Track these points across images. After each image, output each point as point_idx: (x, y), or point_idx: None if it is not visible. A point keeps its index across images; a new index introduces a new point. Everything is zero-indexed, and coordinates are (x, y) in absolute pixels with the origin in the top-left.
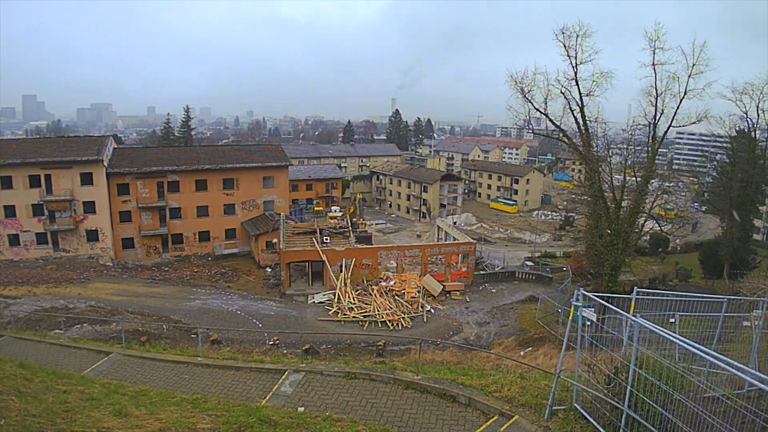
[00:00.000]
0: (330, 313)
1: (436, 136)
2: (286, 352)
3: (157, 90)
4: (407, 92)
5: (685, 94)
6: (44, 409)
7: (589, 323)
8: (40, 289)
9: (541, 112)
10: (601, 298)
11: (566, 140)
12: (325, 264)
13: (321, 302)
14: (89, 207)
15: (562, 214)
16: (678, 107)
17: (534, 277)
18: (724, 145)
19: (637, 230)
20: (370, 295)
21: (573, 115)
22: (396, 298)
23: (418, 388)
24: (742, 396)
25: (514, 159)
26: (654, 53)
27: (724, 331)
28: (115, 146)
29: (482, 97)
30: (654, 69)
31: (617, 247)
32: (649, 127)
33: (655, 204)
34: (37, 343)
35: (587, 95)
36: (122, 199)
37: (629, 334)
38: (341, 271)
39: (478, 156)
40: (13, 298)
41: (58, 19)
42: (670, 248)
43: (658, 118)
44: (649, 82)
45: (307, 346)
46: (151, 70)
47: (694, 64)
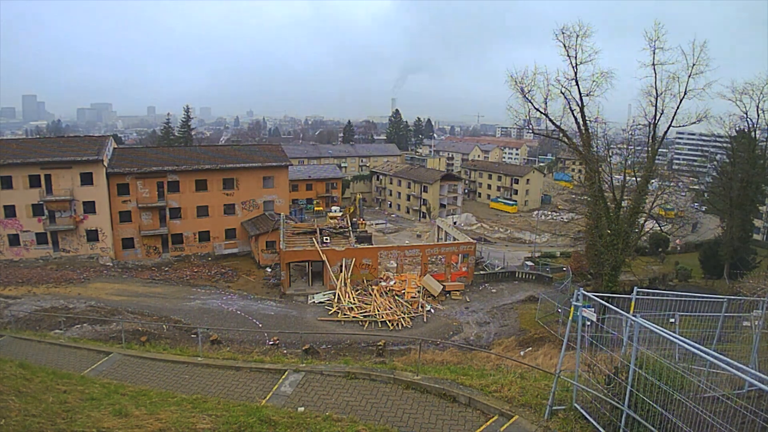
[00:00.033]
0: (330, 313)
1: (436, 136)
2: (286, 352)
3: (157, 90)
4: (407, 92)
5: (685, 94)
6: (44, 409)
7: (589, 323)
8: (40, 289)
9: (541, 112)
10: (601, 298)
11: (566, 140)
12: (325, 264)
13: (321, 302)
14: (89, 207)
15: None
16: (678, 107)
17: (534, 277)
18: (724, 145)
19: (637, 230)
20: (370, 295)
21: (573, 115)
22: (396, 298)
23: (418, 388)
24: (742, 396)
25: (514, 159)
26: (654, 53)
27: (724, 331)
28: (115, 146)
29: (482, 97)
30: (654, 69)
31: (617, 247)
32: (649, 127)
33: (655, 204)
34: (37, 343)
35: (587, 95)
36: (122, 199)
37: (629, 334)
38: (341, 271)
39: (478, 156)
40: (13, 298)
41: (58, 19)
42: (670, 248)
43: (658, 118)
44: (649, 82)
45: (307, 346)
46: (151, 70)
47: (694, 64)
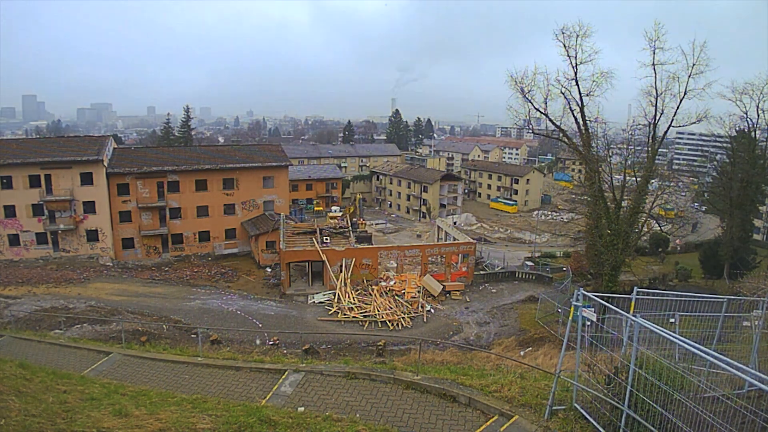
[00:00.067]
0: (330, 313)
1: (436, 136)
2: (286, 352)
3: (157, 90)
4: (407, 92)
5: (685, 94)
6: (44, 409)
7: (589, 323)
8: (40, 289)
9: (541, 112)
10: (601, 298)
11: (566, 140)
12: (325, 264)
13: (321, 302)
14: (89, 207)
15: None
16: (678, 107)
17: (534, 277)
18: (724, 145)
19: (637, 230)
20: (370, 295)
21: (573, 115)
22: (396, 298)
23: (418, 388)
24: (742, 396)
25: (514, 159)
26: (654, 53)
27: (724, 331)
28: (115, 146)
29: (482, 97)
30: (654, 69)
31: (617, 247)
32: (649, 127)
33: (655, 204)
34: (37, 343)
35: (587, 95)
36: (122, 199)
37: (629, 334)
38: (341, 271)
39: (478, 156)
40: (13, 298)
41: (58, 19)
42: (670, 248)
43: (658, 118)
44: (649, 82)
45: (307, 346)
46: (151, 70)
47: (694, 64)
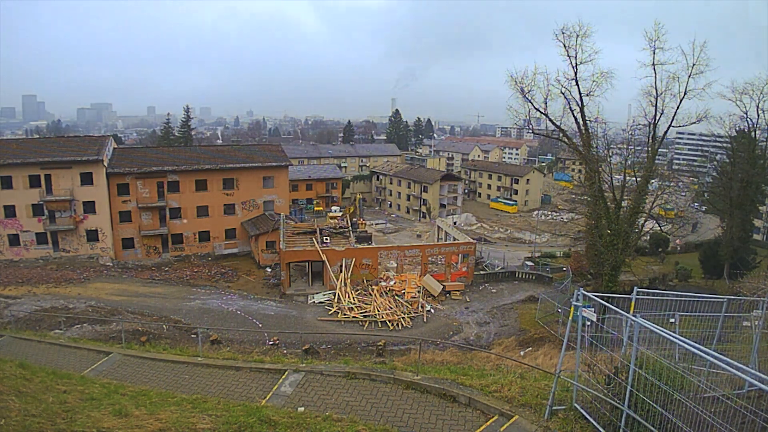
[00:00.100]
0: (330, 313)
1: (436, 136)
2: (286, 352)
3: (157, 90)
4: (407, 92)
5: (685, 94)
6: (44, 409)
7: (589, 323)
8: (40, 289)
9: (541, 112)
10: (601, 298)
11: (566, 140)
12: (325, 264)
13: (321, 302)
14: (89, 207)
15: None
16: (678, 107)
17: (534, 277)
18: (724, 145)
19: (637, 230)
20: (370, 295)
21: (573, 115)
22: (396, 298)
23: (418, 388)
24: (742, 396)
25: (514, 159)
26: (654, 53)
27: (724, 331)
28: (115, 146)
29: (482, 97)
30: (654, 69)
31: (617, 247)
32: (649, 127)
33: (655, 204)
34: (37, 343)
35: (587, 95)
36: (122, 199)
37: (629, 334)
38: (341, 271)
39: (478, 156)
40: (13, 298)
41: (59, 19)
42: (670, 248)
43: (658, 118)
44: (649, 82)
45: (307, 346)
46: (151, 70)
47: (694, 64)
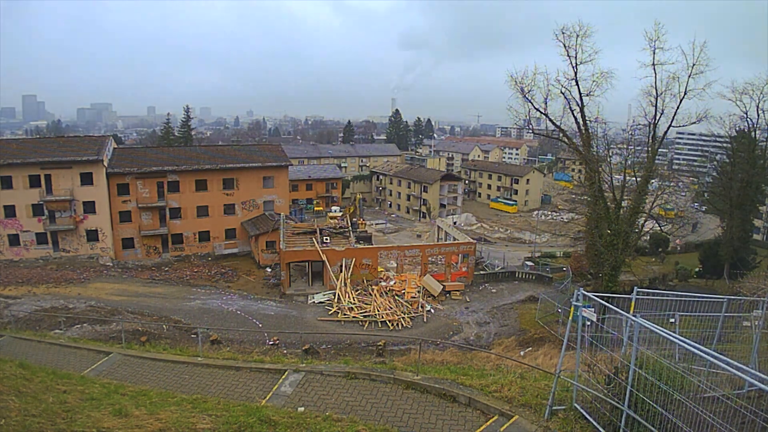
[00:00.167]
0: (330, 313)
1: (436, 136)
2: (286, 352)
3: (157, 90)
4: (407, 92)
5: (685, 94)
6: (44, 409)
7: (589, 323)
8: (40, 289)
9: (541, 112)
10: (601, 298)
11: (566, 140)
12: (325, 264)
13: (321, 302)
14: (89, 207)
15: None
16: (678, 107)
17: (534, 277)
18: (724, 145)
19: (637, 230)
20: (370, 295)
21: (573, 115)
22: (396, 298)
23: (418, 388)
24: (742, 396)
25: (514, 159)
26: (654, 53)
27: (724, 331)
28: (115, 146)
29: (482, 97)
30: (654, 69)
31: (617, 247)
32: (649, 127)
33: (655, 204)
34: (37, 343)
35: (587, 95)
36: (122, 199)
37: (629, 334)
38: (341, 271)
39: (478, 156)
40: (13, 298)
41: (59, 19)
42: (670, 248)
43: (658, 118)
44: (649, 82)
45: (307, 346)
46: (151, 70)
47: (694, 64)
